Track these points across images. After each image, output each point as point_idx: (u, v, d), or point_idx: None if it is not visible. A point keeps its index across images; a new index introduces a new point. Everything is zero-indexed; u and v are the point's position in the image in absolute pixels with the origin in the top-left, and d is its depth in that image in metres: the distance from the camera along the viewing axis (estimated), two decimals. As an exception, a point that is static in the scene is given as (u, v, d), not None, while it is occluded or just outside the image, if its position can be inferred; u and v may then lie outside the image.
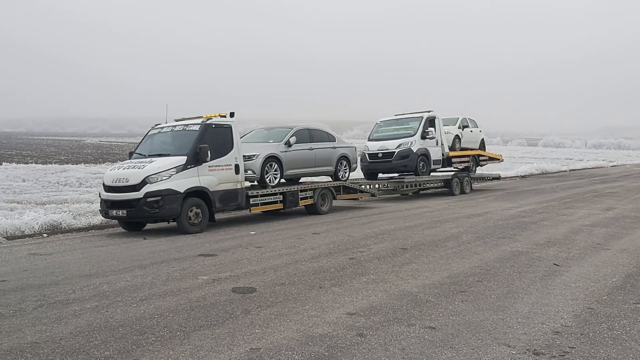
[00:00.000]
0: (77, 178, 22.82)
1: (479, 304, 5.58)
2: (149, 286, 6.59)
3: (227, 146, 12.24)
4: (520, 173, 32.61)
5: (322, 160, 15.03)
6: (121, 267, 7.86)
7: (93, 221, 12.90)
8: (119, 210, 11.20)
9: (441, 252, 8.41)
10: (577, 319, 5.06)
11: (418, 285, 6.38)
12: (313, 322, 5.06)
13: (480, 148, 22.88)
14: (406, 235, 10.10)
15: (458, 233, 10.27)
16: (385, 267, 7.35)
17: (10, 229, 11.51)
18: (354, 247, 8.96)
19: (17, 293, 6.44)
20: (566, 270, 7.04)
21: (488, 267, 7.29)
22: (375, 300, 5.74)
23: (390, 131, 19.51)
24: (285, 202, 13.60)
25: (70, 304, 5.88)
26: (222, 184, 11.94)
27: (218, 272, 7.27)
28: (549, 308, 5.40)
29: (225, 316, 5.29)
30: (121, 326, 5.06)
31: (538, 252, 8.29)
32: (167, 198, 10.93)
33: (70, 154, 41.61)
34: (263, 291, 6.21)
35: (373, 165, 19.06)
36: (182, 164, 11.26)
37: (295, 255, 8.37)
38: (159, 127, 12.98)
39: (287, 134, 14.18)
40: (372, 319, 5.11)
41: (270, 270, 7.34)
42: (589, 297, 5.79)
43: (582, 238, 9.54)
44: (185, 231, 11.18)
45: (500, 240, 9.42)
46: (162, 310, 5.54)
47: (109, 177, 11.58)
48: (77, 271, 7.62)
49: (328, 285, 6.45)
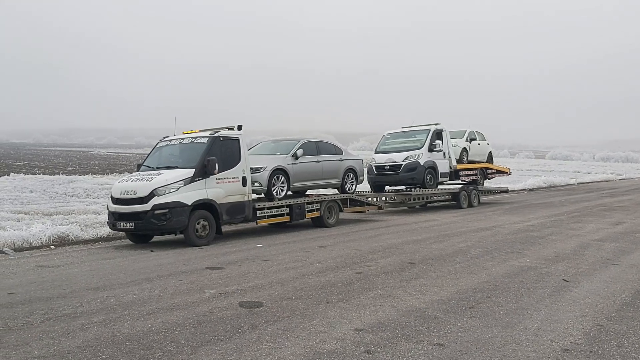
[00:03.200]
0: (84, 189, 22.94)
1: (487, 320, 5.54)
2: (156, 300, 6.59)
3: (234, 159, 12.27)
4: (528, 186, 32.45)
5: (329, 173, 15.03)
6: (128, 280, 7.86)
7: (100, 233, 12.93)
8: (126, 222, 11.22)
9: (449, 267, 8.37)
10: (586, 336, 5.02)
11: (426, 300, 6.35)
12: (320, 337, 5.04)
13: (488, 161, 22.84)
14: (414, 250, 10.06)
15: (466, 247, 10.22)
16: (392, 282, 7.32)
17: (18, 241, 11.54)
18: (361, 261, 8.93)
19: (24, 306, 6.44)
20: (575, 286, 6.99)
21: (496, 282, 7.25)
22: (383, 316, 5.71)
23: (398, 144, 19.50)
24: (292, 214, 13.60)
25: (77, 317, 5.89)
26: (229, 197, 11.96)
27: (225, 286, 7.26)
28: (558, 325, 5.36)
29: (232, 331, 5.27)
30: (128, 340, 5.05)
31: (547, 267, 8.24)
32: (175, 210, 10.95)
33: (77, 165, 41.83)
34: (270, 306, 6.20)
35: (380, 178, 19.03)
36: (190, 177, 11.29)
37: (302, 269, 8.35)
38: (167, 139, 13.03)
39: (294, 146, 14.21)
40: (380, 335, 5.08)
41: (277, 284, 7.32)
42: (599, 314, 5.75)
43: (591, 253, 9.48)
44: (193, 244, 11.19)
45: (508, 255, 9.37)
46: (170, 324, 5.53)
47: (117, 189, 11.62)
48: (85, 284, 7.63)
49: (335, 300, 6.42)
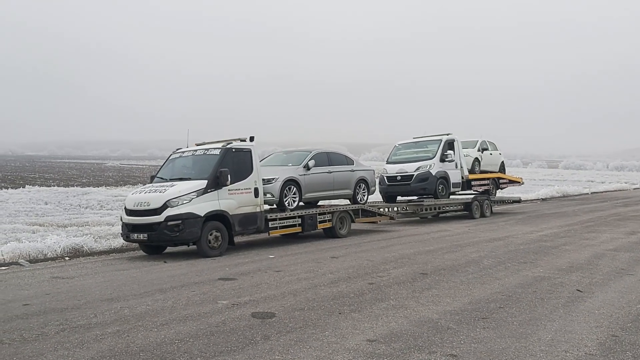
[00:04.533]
0: (98, 200, 23.14)
1: (501, 331, 5.51)
2: (169, 310, 6.63)
3: (246, 170, 12.34)
4: (541, 196, 32.24)
5: (341, 184, 15.05)
6: (142, 291, 7.92)
7: (114, 244, 13.04)
8: (140, 233, 11.32)
9: (462, 277, 8.34)
10: (601, 347, 4.97)
11: (439, 311, 6.33)
12: (333, 348, 5.04)
13: (500, 171, 22.74)
14: (426, 260, 10.04)
15: (479, 258, 10.18)
16: (405, 293, 7.31)
17: (33, 252, 11.68)
18: (373, 272, 8.92)
19: (39, 317, 6.51)
20: (589, 297, 6.93)
21: (510, 293, 7.21)
22: (396, 327, 5.70)
23: (409, 154, 19.50)
24: (303, 225, 13.62)
25: (92, 328, 5.94)
26: (241, 208, 12.02)
27: (237, 297, 7.28)
28: (573, 335, 5.31)
29: (245, 342, 5.29)
30: (142, 351, 5.08)
31: (560, 277, 8.18)
32: (188, 222, 11.02)
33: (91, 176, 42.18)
34: (282, 316, 6.21)
35: (392, 188, 19.02)
36: (203, 188, 11.37)
37: (314, 280, 8.36)
38: (180, 151, 13.15)
39: (306, 157, 14.26)
40: (393, 346, 5.07)
41: (290, 295, 7.34)
42: (614, 325, 5.69)
43: (606, 263, 9.39)
44: (205, 255, 11.25)
45: (521, 265, 9.31)
46: (183, 335, 5.56)
47: (130, 200, 11.73)
48: (99, 295, 7.70)
49: (347, 310, 6.42)
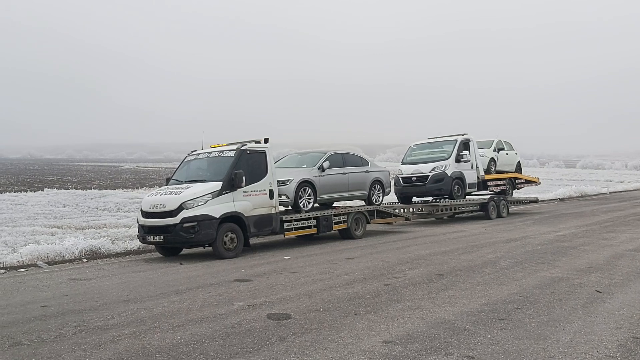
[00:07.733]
0: (115, 203, 23.33)
1: (518, 332, 5.45)
2: (185, 312, 6.65)
3: (261, 171, 12.37)
4: (558, 196, 31.91)
5: (356, 185, 15.01)
6: (158, 292, 7.96)
7: (130, 246, 13.14)
8: (156, 235, 11.39)
9: (478, 278, 8.27)
10: (621, 349, 4.89)
11: (455, 312, 6.27)
12: (349, 350, 5.01)
13: (517, 171, 22.56)
14: (442, 261, 9.97)
15: (495, 258, 10.09)
16: (421, 294, 7.26)
17: (51, 254, 11.81)
18: (389, 273, 8.88)
19: (57, 318, 6.57)
20: (609, 297, 6.83)
21: (527, 293, 7.13)
22: (412, 328, 5.67)
23: (424, 155, 19.42)
24: (319, 226, 13.61)
25: (109, 329, 5.98)
26: (256, 209, 12.05)
27: (253, 298, 7.29)
28: (592, 337, 5.24)
29: (260, 343, 5.29)
30: (158, 352, 5.10)
31: (579, 278, 8.07)
32: (203, 223, 11.07)
33: (108, 179, 42.57)
34: (298, 318, 6.20)
35: (407, 189, 18.94)
36: (218, 190, 11.42)
37: (330, 281, 8.34)
38: (195, 153, 13.22)
39: (321, 158, 14.25)
40: (409, 348, 5.03)
41: (305, 296, 7.33)
42: (634, 326, 5.60)
43: (625, 263, 9.26)
44: (221, 256, 11.28)
45: (539, 265, 9.21)
46: (199, 336, 5.58)
47: (146, 203, 11.81)
48: (116, 297, 7.75)
49: (363, 312, 6.40)
